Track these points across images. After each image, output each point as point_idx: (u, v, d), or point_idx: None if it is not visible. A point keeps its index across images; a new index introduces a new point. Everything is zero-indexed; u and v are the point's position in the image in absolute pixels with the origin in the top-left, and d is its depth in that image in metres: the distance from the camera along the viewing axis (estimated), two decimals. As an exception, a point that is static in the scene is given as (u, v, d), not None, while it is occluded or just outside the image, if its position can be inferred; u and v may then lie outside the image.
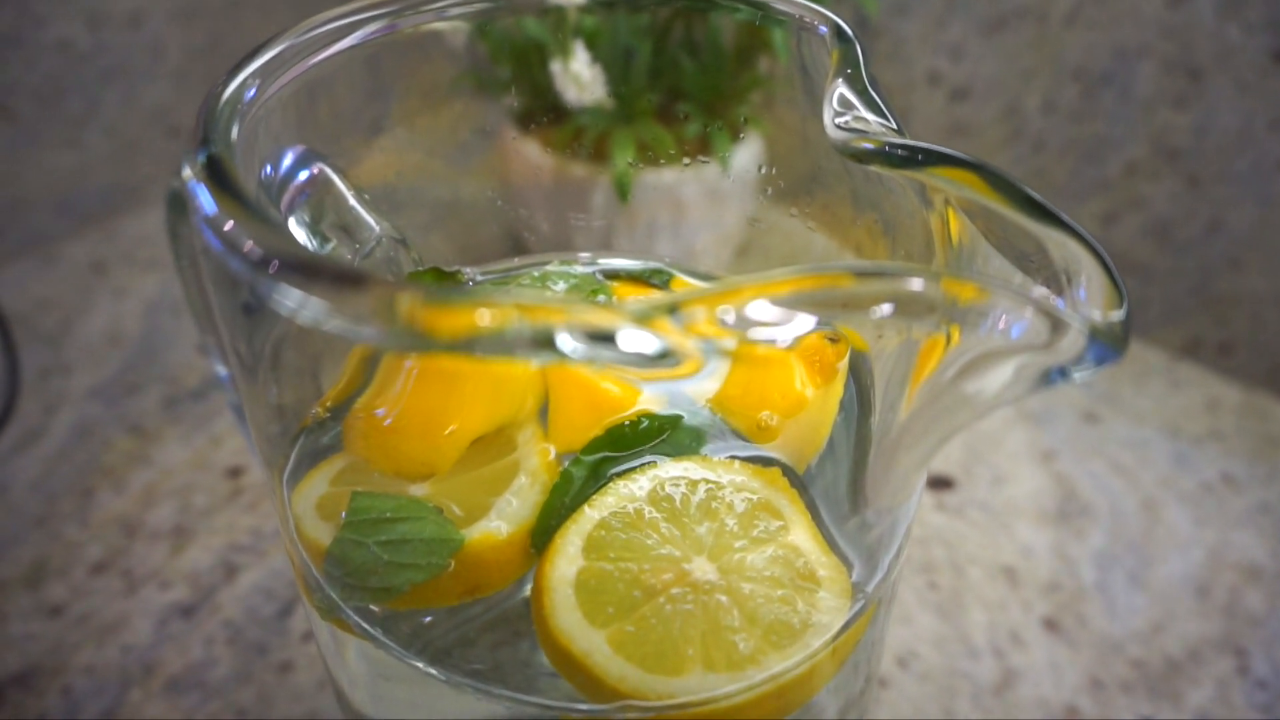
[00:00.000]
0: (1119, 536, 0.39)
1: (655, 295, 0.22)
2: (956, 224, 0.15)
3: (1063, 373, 0.12)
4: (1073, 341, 0.11)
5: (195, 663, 0.33)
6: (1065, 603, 0.36)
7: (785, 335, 0.11)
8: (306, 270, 0.12)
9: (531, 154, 0.34)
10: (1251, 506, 0.40)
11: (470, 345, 0.11)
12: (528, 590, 0.18)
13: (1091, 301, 0.12)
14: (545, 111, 0.34)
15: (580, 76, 0.33)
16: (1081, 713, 0.33)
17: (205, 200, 0.13)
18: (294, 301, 0.12)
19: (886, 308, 0.11)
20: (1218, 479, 0.42)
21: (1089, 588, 0.37)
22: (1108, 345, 0.11)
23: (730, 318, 0.11)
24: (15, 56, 0.50)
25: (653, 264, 0.24)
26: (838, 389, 0.19)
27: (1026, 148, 0.50)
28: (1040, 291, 0.13)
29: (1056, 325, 0.11)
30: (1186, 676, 0.34)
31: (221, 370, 0.19)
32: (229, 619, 0.35)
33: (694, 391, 0.19)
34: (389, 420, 0.18)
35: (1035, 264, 0.14)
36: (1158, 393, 0.46)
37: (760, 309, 0.11)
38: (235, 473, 0.40)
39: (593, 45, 0.35)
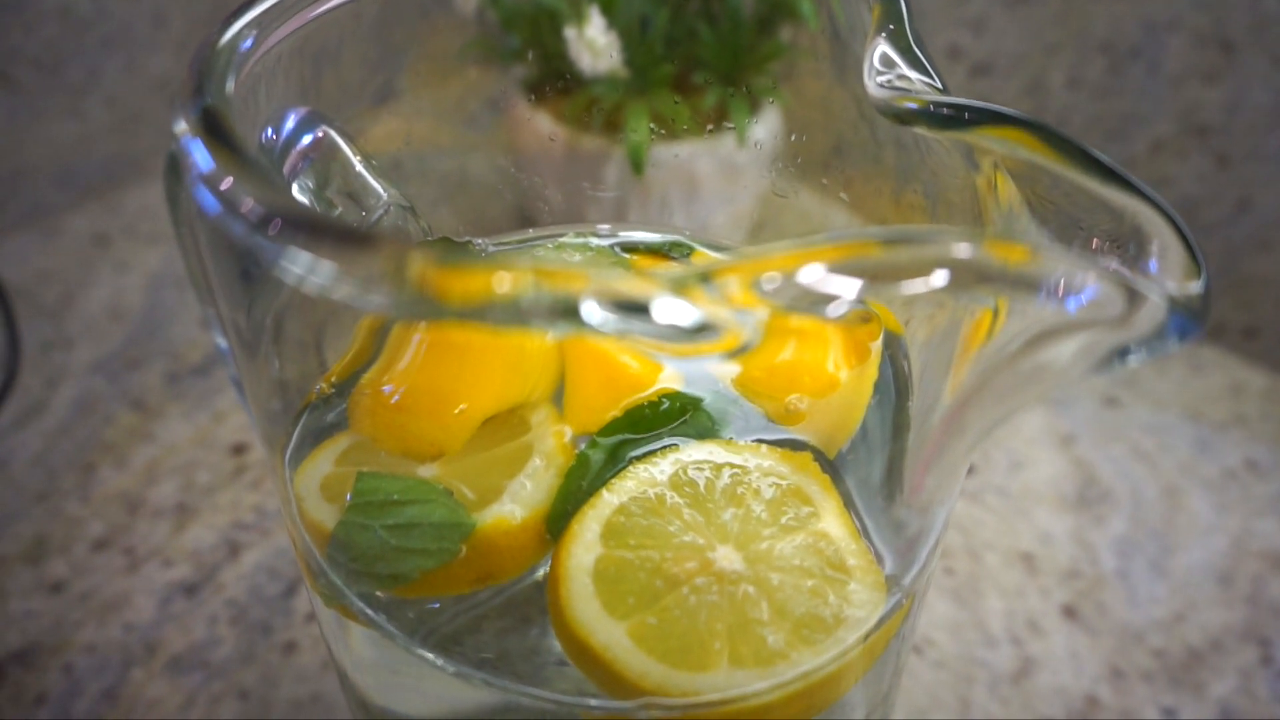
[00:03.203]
0: (1140, 523, 0.38)
1: (681, 263, 0.21)
2: (1006, 188, 0.14)
3: (1124, 354, 0.11)
4: (1151, 315, 0.10)
5: (198, 642, 0.33)
6: (1085, 590, 0.35)
7: (832, 306, 0.10)
8: (311, 229, 0.11)
9: (543, 125, 0.33)
10: (1275, 493, 0.40)
11: (485, 313, 0.10)
12: (538, 574, 0.17)
13: (1166, 272, 0.11)
14: (558, 80, 0.33)
15: (595, 43, 0.31)
16: (1101, 703, 0.32)
17: (201, 156, 0.12)
18: (297, 265, 0.11)
19: (939, 276, 0.11)
20: (1241, 465, 0.41)
21: (1109, 575, 0.36)
22: (1189, 318, 0.10)
23: (773, 287, 0.10)
24: (15, 23, 0.49)
25: (672, 237, 0.23)
26: (872, 370, 0.18)
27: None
28: (1110, 260, 0.12)
29: (1133, 297, 0.10)
30: (1209, 666, 0.33)
31: (222, 343, 0.18)
32: (232, 598, 0.34)
33: (718, 371, 0.18)
34: (396, 397, 0.17)
35: (1085, 228, 0.13)
36: (1180, 377, 0.45)
37: (807, 276, 0.10)
38: (239, 450, 0.39)
39: (608, 12, 0.34)
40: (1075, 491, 0.39)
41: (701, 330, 0.10)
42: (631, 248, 0.23)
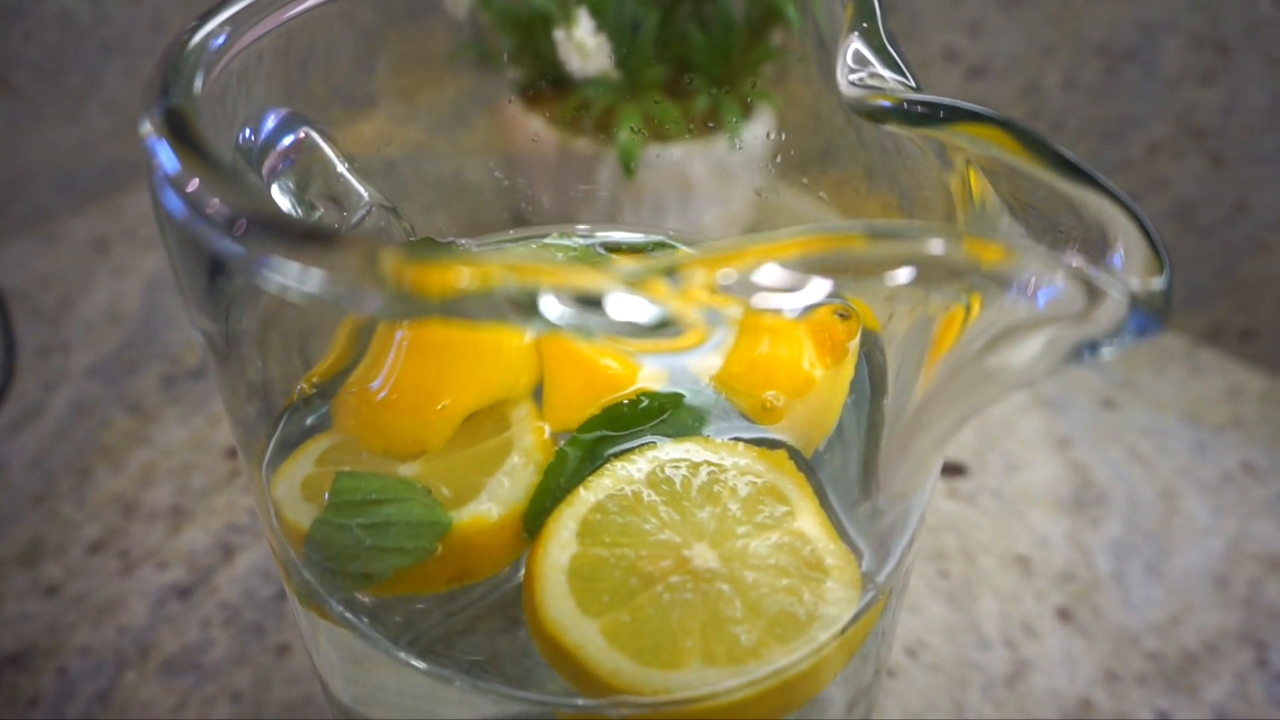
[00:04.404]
0: (1136, 526, 0.38)
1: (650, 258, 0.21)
2: (979, 186, 0.14)
3: (1093, 347, 0.11)
4: (1111, 311, 0.10)
5: (191, 644, 0.33)
6: (1080, 593, 0.35)
7: (794, 303, 0.10)
8: (277, 230, 0.11)
9: (534, 128, 0.33)
10: (1272, 496, 0.39)
11: (455, 308, 0.10)
12: (520, 576, 0.17)
13: (1130, 269, 0.11)
14: (548, 83, 0.33)
15: (584, 45, 0.32)
16: (1095, 706, 0.32)
17: (166, 157, 0.12)
18: (267, 266, 0.11)
19: (905, 272, 0.10)
20: (1238, 468, 0.41)
21: (1104, 578, 0.36)
22: (1149, 315, 0.10)
23: (732, 282, 0.10)
24: (15, 29, 0.49)
25: (656, 236, 0.23)
26: (848, 369, 0.18)
27: (1045, 127, 0.48)
28: (1074, 257, 0.12)
29: (1093, 293, 0.10)
30: (1204, 670, 0.33)
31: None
32: (226, 600, 0.34)
33: (697, 368, 0.18)
34: (380, 395, 0.17)
35: (1064, 230, 0.13)
36: (1178, 379, 0.45)
37: (767, 273, 0.10)
38: (233, 453, 0.40)
39: (597, 14, 0.34)
40: (1071, 494, 0.39)
41: (662, 326, 0.10)
42: (614, 247, 0.23)
